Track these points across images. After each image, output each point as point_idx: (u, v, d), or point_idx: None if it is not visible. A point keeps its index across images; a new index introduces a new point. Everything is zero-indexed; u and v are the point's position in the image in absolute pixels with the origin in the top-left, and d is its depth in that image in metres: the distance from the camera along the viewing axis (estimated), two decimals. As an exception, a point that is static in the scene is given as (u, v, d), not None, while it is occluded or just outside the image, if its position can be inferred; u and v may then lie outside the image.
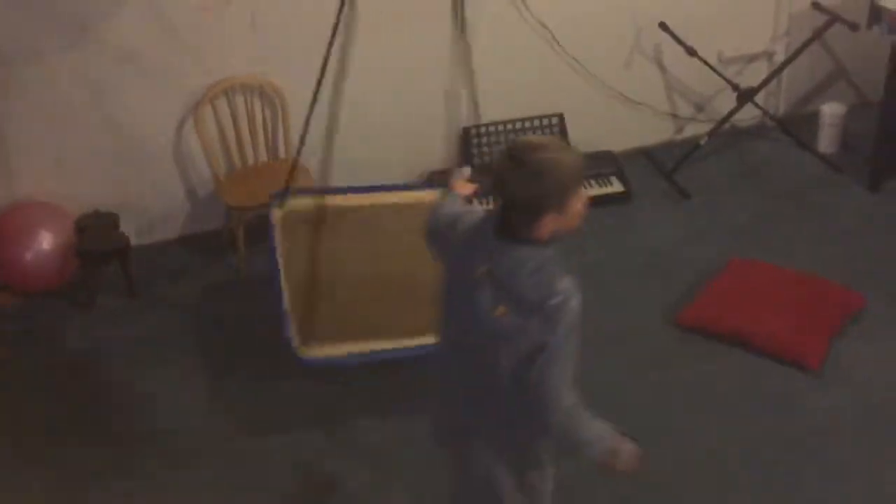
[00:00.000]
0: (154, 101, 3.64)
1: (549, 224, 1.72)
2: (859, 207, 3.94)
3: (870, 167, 4.02)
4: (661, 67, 4.25)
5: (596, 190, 4.02)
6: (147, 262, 3.78)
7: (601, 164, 4.13)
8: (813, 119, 4.32)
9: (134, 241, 3.71)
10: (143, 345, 3.39)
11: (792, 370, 3.05)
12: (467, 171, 2.23)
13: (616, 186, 4.06)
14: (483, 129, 4.10)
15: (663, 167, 4.23)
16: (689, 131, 4.42)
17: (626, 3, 4.02)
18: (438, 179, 3.76)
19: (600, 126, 4.23)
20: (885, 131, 3.92)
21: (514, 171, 1.68)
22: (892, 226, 3.80)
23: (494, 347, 1.77)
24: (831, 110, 4.22)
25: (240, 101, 3.72)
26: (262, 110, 3.77)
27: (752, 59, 4.34)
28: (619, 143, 4.30)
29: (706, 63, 4.05)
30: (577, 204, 1.75)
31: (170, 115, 3.70)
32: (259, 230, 3.56)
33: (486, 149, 4.10)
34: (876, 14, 3.68)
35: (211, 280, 3.74)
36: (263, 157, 3.84)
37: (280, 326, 2.91)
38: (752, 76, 4.31)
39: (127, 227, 3.66)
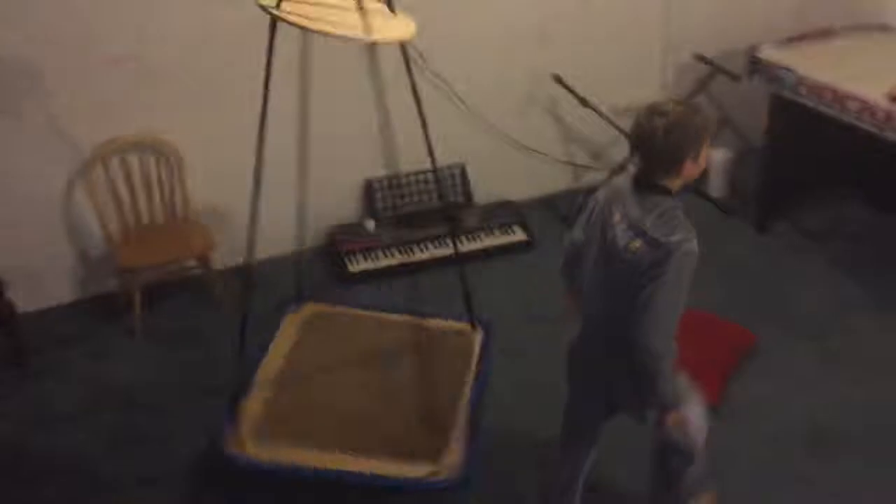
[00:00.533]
0: (41, 161, 3.50)
1: (687, 170, 2.03)
2: (749, 248, 4.12)
3: (756, 210, 4.22)
4: (558, 118, 4.37)
5: (499, 239, 4.07)
6: (37, 328, 3.61)
7: (504, 213, 4.20)
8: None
9: (23, 306, 3.54)
10: (32, 415, 3.21)
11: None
12: (371, 224, 2.28)
13: (519, 235, 4.12)
14: (385, 182, 4.11)
15: (564, 215, 4.33)
16: (588, 179, 4.55)
17: (521, 57, 4.13)
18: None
19: (502, 176, 4.31)
20: (767, 176, 4.13)
21: (660, 125, 1.96)
22: (780, 265, 3.97)
23: (632, 279, 2.03)
24: (719, 157, 4.41)
25: (133, 159, 3.62)
26: (157, 168, 3.68)
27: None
28: (520, 192, 4.38)
29: (598, 112, 4.19)
30: (707, 153, 2.05)
31: (57, 174, 3.57)
32: (157, 292, 3.44)
33: (389, 201, 4.11)
34: (754, 65, 3.88)
35: (105, 344, 3.59)
36: (159, 216, 3.74)
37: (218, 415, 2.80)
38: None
39: (14, 293, 3.48)
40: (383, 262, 3.94)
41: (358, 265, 3.92)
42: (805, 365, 3.36)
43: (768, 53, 3.85)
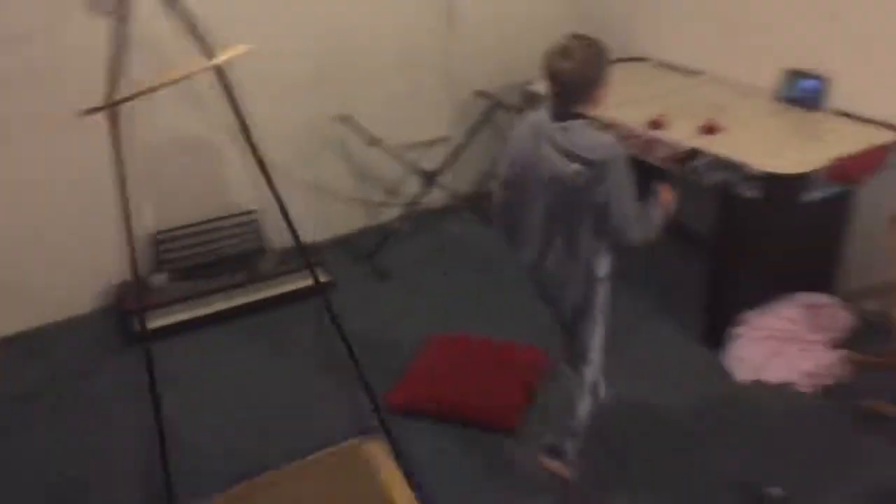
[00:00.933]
0: None
1: (599, 97, 2.35)
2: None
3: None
4: (349, 157, 4.38)
5: (298, 283, 4.00)
6: None
7: (300, 256, 4.12)
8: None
9: None
10: None
11: (499, 435, 3.17)
12: (161, 278, 2.20)
13: (319, 277, 4.06)
14: (173, 234, 3.93)
15: (363, 253, 4.33)
16: (385, 216, 4.59)
17: (309, 99, 4.12)
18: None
19: (296, 219, 4.22)
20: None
21: (568, 67, 2.26)
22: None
23: (578, 197, 2.35)
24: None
25: None
26: None
27: (432, 144, 4.62)
28: (317, 233, 4.34)
29: (388, 151, 4.24)
30: (610, 79, 2.36)
31: None
32: None
33: (177, 253, 3.93)
34: (529, 99, 4.09)
35: None
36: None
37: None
38: (435, 159, 4.59)
39: None
40: (177, 316, 3.76)
41: (149, 323, 3.70)
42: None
43: (539, 86, 4.05)
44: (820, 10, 3.52)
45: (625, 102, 3.75)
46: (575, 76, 2.28)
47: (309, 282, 4.02)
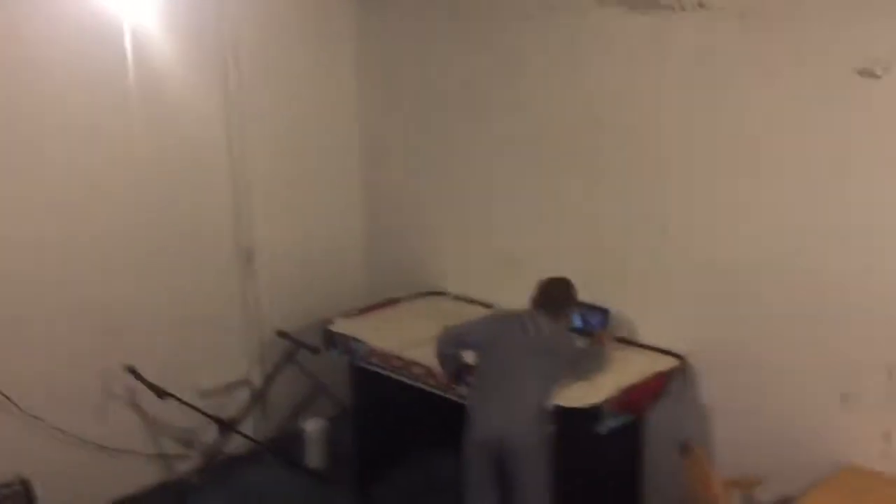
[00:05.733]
0: None
1: (571, 312, 3.48)
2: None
3: (356, 475, 4.23)
4: (139, 410, 4.07)
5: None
6: None
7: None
8: (300, 437, 4.48)
9: None
10: None
11: None
12: None
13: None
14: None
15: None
16: (183, 468, 4.24)
17: (90, 350, 3.86)
18: None
19: (80, 482, 3.82)
20: (361, 441, 4.20)
21: (560, 293, 3.38)
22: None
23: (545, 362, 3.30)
24: (312, 426, 4.43)
25: None
26: None
27: (232, 387, 4.41)
28: (104, 495, 3.92)
29: (181, 400, 3.99)
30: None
31: None
32: None
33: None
34: (329, 339, 4.04)
35: None
36: None
37: None
38: (237, 404, 4.37)
39: None
40: None
41: None
42: None
43: (340, 325, 4.05)
44: (598, 245, 3.80)
45: (423, 340, 3.75)
46: (565, 299, 3.39)
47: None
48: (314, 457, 4.43)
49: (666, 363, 3.48)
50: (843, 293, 3.06)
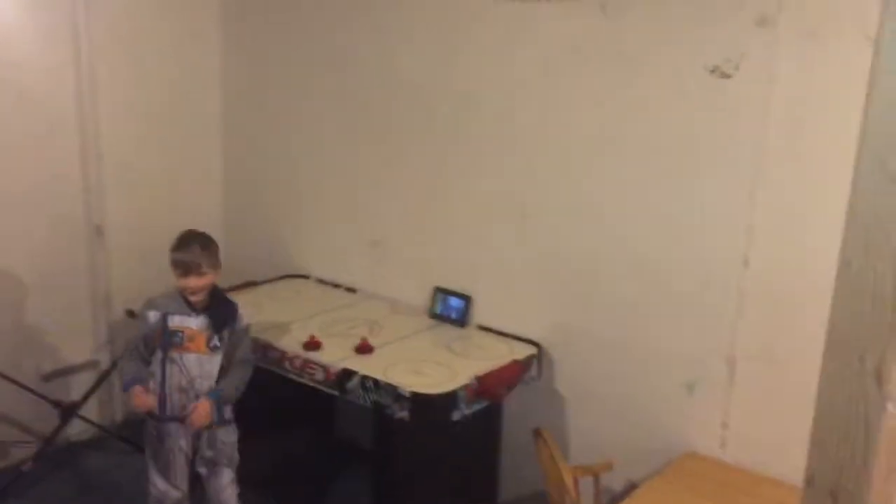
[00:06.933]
0: None
1: None
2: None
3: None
4: (-30, 392, 3.79)
5: None
6: None
7: None
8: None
9: None
10: None
11: None
12: None
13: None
14: None
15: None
16: (17, 456, 3.96)
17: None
18: None
19: None
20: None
21: None
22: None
23: None
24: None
25: None
26: None
27: (77, 370, 4.17)
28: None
29: (17, 382, 3.73)
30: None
31: None
32: None
33: None
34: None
35: None
36: None
37: None
38: (82, 388, 4.12)
39: None
40: None
41: None
42: None
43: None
44: (459, 230, 3.78)
45: (282, 322, 3.67)
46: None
47: None
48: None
49: (523, 351, 3.50)
50: (686, 284, 3.15)
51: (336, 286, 4.24)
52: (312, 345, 3.45)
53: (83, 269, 4.14)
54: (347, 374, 3.25)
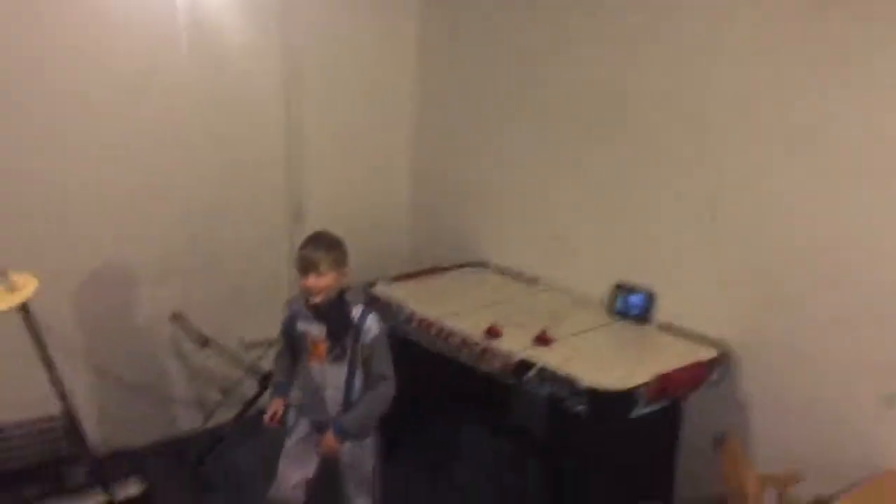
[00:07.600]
0: None
1: None
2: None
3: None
4: (182, 356, 4.17)
5: (109, 496, 3.63)
6: None
7: (116, 464, 3.78)
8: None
9: None
10: None
11: None
12: None
13: (133, 489, 3.71)
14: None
15: (189, 459, 4.02)
16: (219, 418, 4.32)
17: (137, 297, 3.94)
18: None
19: (116, 422, 3.94)
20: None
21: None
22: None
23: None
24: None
25: None
26: None
27: (273, 343, 4.46)
28: (141, 437, 4.03)
29: (223, 350, 4.06)
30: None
31: None
32: None
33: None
34: (370, 301, 4.03)
35: None
36: None
37: None
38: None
39: None
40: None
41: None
42: None
43: (383, 289, 4.05)
44: (646, 226, 3.71)
45: (464, 309, 3.75)
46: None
47: (131, 491, 3.69)
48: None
49: (707, 352, 3.40)
50: (890, 291, 2.93)
51: (516, 275, 4.29)
52: (493, 333, 3.51)
53: (284, 253, 4.43)
54: (526, 364, 3.27)
